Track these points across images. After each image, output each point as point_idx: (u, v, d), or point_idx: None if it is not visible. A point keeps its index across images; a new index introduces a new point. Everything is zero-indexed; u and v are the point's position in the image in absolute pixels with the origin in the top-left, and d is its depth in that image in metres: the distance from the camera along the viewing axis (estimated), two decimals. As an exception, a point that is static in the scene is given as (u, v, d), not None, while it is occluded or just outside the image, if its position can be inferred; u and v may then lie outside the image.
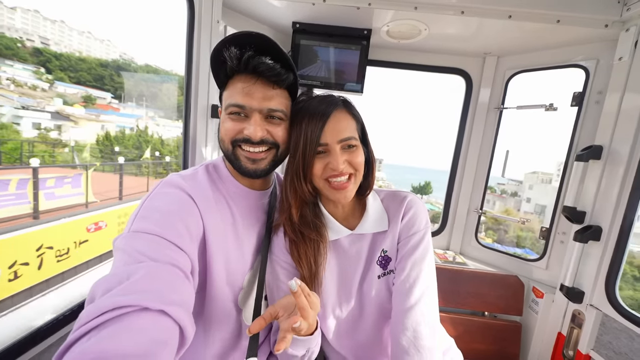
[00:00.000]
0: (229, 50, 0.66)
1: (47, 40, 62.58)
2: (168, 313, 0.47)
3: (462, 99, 1.69)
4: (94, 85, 36.50)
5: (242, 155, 0.72)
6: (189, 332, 0.51)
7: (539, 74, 1.52)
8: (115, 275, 0.49)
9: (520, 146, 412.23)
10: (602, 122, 1.17)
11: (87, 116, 28.84)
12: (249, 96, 0.68)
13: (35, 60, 37.42)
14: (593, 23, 1.15)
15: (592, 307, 1.15)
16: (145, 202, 0.65)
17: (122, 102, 36.61)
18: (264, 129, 0.70)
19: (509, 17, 1.17)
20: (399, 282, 0.76)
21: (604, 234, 1.12)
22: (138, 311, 0.45)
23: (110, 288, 0.47)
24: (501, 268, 1.59)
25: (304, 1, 1.23)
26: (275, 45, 0.67)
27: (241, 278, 0.78)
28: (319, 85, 1.52)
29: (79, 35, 76.29)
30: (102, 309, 0.43)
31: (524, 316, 1.45)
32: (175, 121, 35.08)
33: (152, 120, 32.65)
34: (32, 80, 32.38)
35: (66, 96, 31.62)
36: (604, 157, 1.14)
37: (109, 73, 38.69)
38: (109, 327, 0.42)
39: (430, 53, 1.62)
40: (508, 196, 39.60)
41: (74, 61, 38.11)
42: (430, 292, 0.76)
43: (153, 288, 0.48)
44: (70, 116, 27.25)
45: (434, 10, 1.19)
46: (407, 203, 0.81)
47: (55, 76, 35.02)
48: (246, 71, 0.68)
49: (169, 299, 0.49)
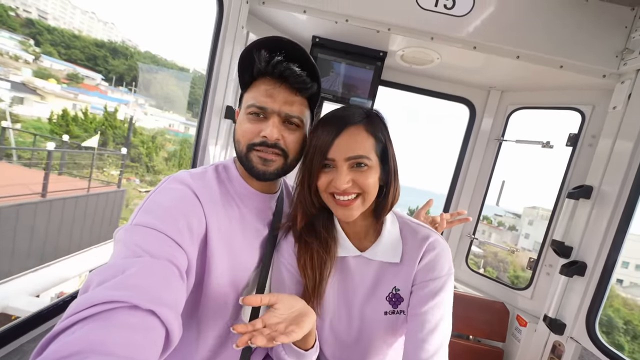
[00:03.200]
0: (260, 52, 0.68)
1: (45, 14, 61.07)
2: (157, 314, 0.47)
3: (464, 127, 1.77)
4: (85, 65, 34.55)
5: (255, 155, 0.73)
6: (175, 335, 0.50)
7: (538, 111, 1.61)
8: (111, 267, 0.50)
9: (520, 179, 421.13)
10: (594, 164, 1.24)
11: (61, 93, 25.55)
12: (271, 98, 0.70)
13: (26, 31, 35.26)
14: (592, 72, 1.24)
15: (572, 340, 1.20)
16: (151, 196, 0.66)
17: (111, 85, 34.42)
18: (280, 132, 0.71)
19: (517, 57, 1.25)
20: (412, 330, 0.69)
21: (588, 269, 1.18)
22: (128, 308, 0.44)
23: (105, 280, 0.47)
24: (489, 294, 1.63)
25: (327, 18, 1.28)
26: (305, 53, 0.70)
27: (247, 276, 0.79)
28: (331, 98, 1.57)
29: (82, 14, 75.06)
30: (93, 301, 0.43)
31: (506, 343, 1.48)
32: (165, 111, 33.58)
33: (140, 107, 30.51)
34: (16, 50, 29.98)
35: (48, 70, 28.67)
36: (594, 197, 1.21)
37: (103, 54, 36.56)
38: (96, 321, 0.42)
39: (438, 80, 1.70)
40: (505, 229, 38.27)
41: (68, 37, 36.17)
42: (444, 350, 0.68)
43: (146, 285, 0.48)
44: (38, 90, 23.37)
45: (449, 42, 1.26)
46: (429, 243, 0.74)
47: (44, 49, 32.89)
48: (272, 75, 0.70)
49: (161, 299, 0.49)
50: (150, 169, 20.24)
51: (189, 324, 0.75)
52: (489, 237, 36.96)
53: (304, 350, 0.70)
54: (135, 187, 18.29)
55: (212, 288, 0.72)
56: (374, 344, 0.80)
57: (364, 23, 1.27)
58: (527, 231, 34.45)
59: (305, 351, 0.70)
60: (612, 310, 20.98)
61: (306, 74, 0.70)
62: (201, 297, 0.73)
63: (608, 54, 1.20)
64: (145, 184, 19.29)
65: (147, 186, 19.05)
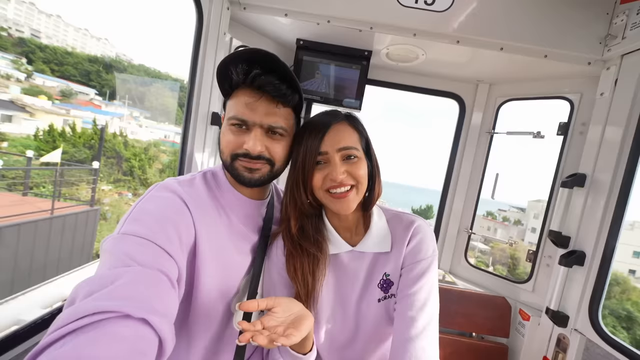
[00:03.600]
0: (237, 65, 0.67)
1: (38, 33, 61.13)
2: (150, 322, 0.45)
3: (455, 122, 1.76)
4: (79, 81, 34.31)
5: (240, 165, 0.73)
6: (169, 344, 0.49)
7: (527, 102, 1.61)
8: (99, 278, 0.48)
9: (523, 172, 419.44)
10: (586, 152, 1.23)
11: (52, 109, 24.86)
12: (253, 111, 0.69)
13: (18, 50, 35.30)
14: (577, 60, 1.23)
15: (577, 332, 1.17)
16: (138, 205, 0.64)
17: (105, 100, 34.03)
18: (263, 144, 0.71)
19: (501, 49, 1.24)
20: (401, 309, 0.72)
21: (587, 259, 1.16)
22: (119, 318, 0.43)
23: (93, 291, 0.45)
24: (489, 289, 1.61)
25: (309, 20, 1.28)
26: (283, 65, 0.69)
27: (237, 283, 0.77)
28: (319, 100, 1.56)
29: (75, 32, 75.27)
30: (82, 312, 0.42)
31: (510, 338, 1.45)
32: (160, 123, 33.20)
33: (135, 120, 30.12)
34: (7, 69, 29.80)
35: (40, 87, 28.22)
36: (587, 185, 1.20)
37: (96, 69, 36.58)
38: (87, 332, 0.40)
39: (426, 77, 1.70)
40: (511, 224, 37.59)
41: (60, 54, 36.05)
42: (433, 325, 0.72)
43: (137, 295, 0.47)
44: (27, 107, 22.84)
45: (432, 38, 1.26)
46: (414, 228, 0.79)
47: (36, 67, 32.66)
48: (252, 87, 0.69)
49: (153, 307, 0.47)
50: (144, 182, 19.65)
51: (180, 334, 0.73)
52: (495, 234, 36.39)
53: (302, 354, 0.69)
54: (126, 201, 17.80)
55: (202, 297, 0.71)
56: (371, 339, 0.80)
57: (346, 23, 1.27)
58: (533, 225, 34.14)
59: (303, 355, 0.69)
60: (631, 304, 20.49)
61: (286, 86, 0.70)
62: (191, 307, 0.72)
63: (591, 41, 1.20)
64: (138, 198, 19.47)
65: None
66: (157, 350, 0.47)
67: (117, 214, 15.42)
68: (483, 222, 35.11)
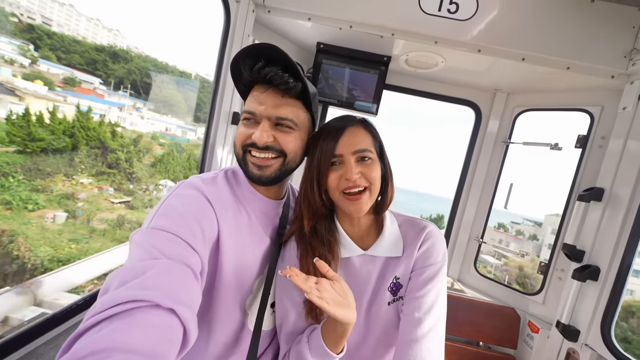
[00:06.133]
0: (244, 62, 0.71)
1: (49, 21, 61.90)
2: (177, 312, 0.48)
3: (470, 130, 1.76)
4: (84, 69, 33.66)
5: (250, 161, 0.75)
6: (192, 335, 0.51)
7: (545, 113, 1.59)
8: (131, 269, 0.51)
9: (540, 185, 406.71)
10: (605, 166, 1.22)
11: (45, 95, 22.77)
12: (260, 104, 0.72)
13: (27, 36, 34.86)
14: (600, 73, 1.22)
15: (587, 347, 1.16)
16: (166, 201, 0.67)
17: (110, 89, 33.13)
18: (270, 135, 0.73)
19: (522, 60, 1.24)
20: (408, 311, 0.73)
21: (602, 274, 1.15)
22: (150, 307, 0.46)
23: (126, 281, 0.48)
24: (498, 299, 1.60)
25: (331, 25, 1.30)
26: (284, 54, 0.71)
27: (251, 282, 0.79)
28: (336, 103, 1.58)
29: (87, 22, 75.97)
30: (116, 300, 0.45)
31: (518, 350, 1.44)
32: (164, 115, 32.35)
33: (137, 111, 29.04)
34: (14, 55, 29.08)
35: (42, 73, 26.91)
36: (605, 200, 1.18)
37: (103, 58, 35.59)
38: (121, 319, 0.43)
39: (443, 83, 1.70)
40: (525, 239, 35.41)
41: (68, 42, 35.60)
42: (439, 328, 0.72)
43: (166, 286, 0.50)
44: (17, 90, 21.00)
45: (453, 46, 1.27)
46: (426, 233, 0.80)
47: (42, 54, 32.04)
48: (260, 81, 0.73)
49: (180, 298, 0.50)
50: (129, 176, 17.79)
51: (201, 327, 0.75)
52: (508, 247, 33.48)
53: (335, 354, 0.69)
54: (107, 197, 15.96)
55: (222, 291, 0.73)
56: (380, 343, 0.81)
57: (367, 29, 1.29)
58: (550, 241, 30.62)
59: (337, 355, 0.69)
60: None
61: (288, 75, 0.72)
62: (212, 300, 0.74)
63: (616, 54, 1.19)
64: (122, 193, 16.75)
65: (122, 196, 16.48)
66: (182, 339, 0.49)
67: (91, 212, 13.80)
68: (494, 234, 32.80)
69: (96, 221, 13.81)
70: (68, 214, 13.07)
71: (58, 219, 12.64)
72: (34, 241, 11.26)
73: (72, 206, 13.48)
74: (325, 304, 0.58)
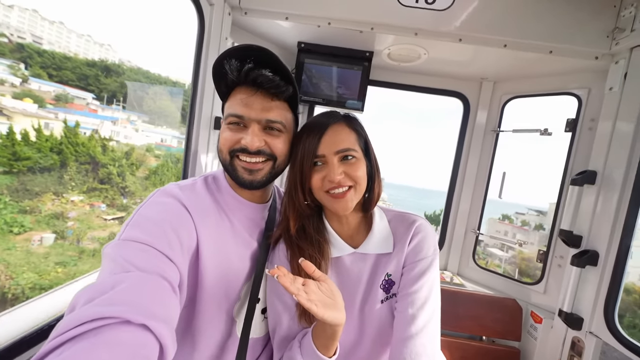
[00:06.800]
0: (230, 62, 0.68)
1: (40, 39, 61.64)
2: (150, 328, 0.45)
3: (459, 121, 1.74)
4: (76, 85, 33.53)
5: (240, 165, 0.72)
6: (170, 350, 0.48)
7: (534, 99, 1.57)
8: (99, 284, 0.48)
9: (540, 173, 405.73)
10: (596, 148, 1.20)
11: (34, 112, 22.14)
12: (248, 107, 0.70)
13: (17, 56, 34.57)
14: (584, 55, 1.20)
15: (592, 335, 1.13)
16: (139, 211, 0.64)
17: (102, 104, 32.70)
18: (261, 139, 0.71)
19: (504, 46, 1.23)
20: (402, 308, 0.72)
21: (600, 259, 1.12)
22: (119, 324, 0.42)
23: (93, 298, 0.45)
24: (499, 291, 1.57)
25: (309, 23, 1.28)
26: (275, 57, 0.69)
27: (238, 289, 0.76)
28: (321, 102, 1.56)
29: (77, 38, 76.20)
30: (81, 319, 0.41)
31: (522, 342, 1.41)
32: (158, 127, 31.75)
33: (131, 124, 28.77)
34: (4, 75, 28.60)
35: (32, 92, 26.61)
36: (599, 182, 1.16)
37: (94, 73, 35.44)
38: (86, 339, 0.40)
39: (429, 76, 1.68)
40: (531, 229, 33.86)
41: (59, 59, 35.45)
42: (434, 323, 0.72)
43: (137, 300, 0.47)
44: (4, 109, 20.65)
45: (433, 36, 1.25)
46: (415, 227, 0.79)
47: (33, 72, 31.80)
48: (246, 83, 0.70)
49: (153, 313, 0.47)
50: (122, 190, 16.85)
51: (184, 340, 0.73)
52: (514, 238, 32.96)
53: (327, 357, 0.67)
54: (99, 214, 15.18)
55: (205, 302, 0.71)
56: (376, 342, 0.78)
57: (346, 24, 1.27)
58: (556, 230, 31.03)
59: (329, 359, 0.67)
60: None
61: (279, 77, 0.70)
62: (194, 312, 0.71)
63: (598, 34, 1.17)
64: (115, 209, 15.95)
65: (115, 212, 15.72)
66: (158, 356, 0.46)
67: (81, 231, 13.13)
68: (499, 226, 32.24)
69: (87, 240, 13.04)
70: (56, 235, 12.47)
71: (45, 241, 12.00)
72: (16, 268, 10.62)
73: (60, 226, 12.90)
74: (313, 306, 0.56)
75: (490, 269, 1.69)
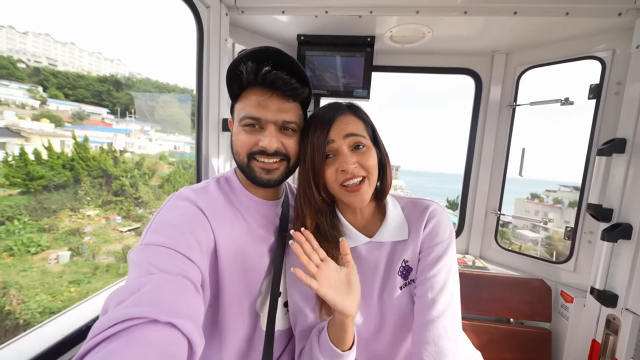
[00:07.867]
0: (246, 64, 0.68)
1: (55, 62, 64.59)
2: (177, 326, 0.47)
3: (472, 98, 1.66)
4: (91, 102, 35.07)
5: (257, 166, 0.74)
6: (198, 345, 0.51)
7: (552, 68, 1.47)
8: (127, 287, 0.51)
9: (572, 146, 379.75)
10: (624, 113, 1.11)
11: (50, 132, 23.57)
12: (265, 109, 0.70)
13: (35, 79, 36.52)
14: (605, 12, 1.11)
15: (628, 312, 1.07)
16: (157, 216, 0.67)
17: (116, 117, 33.79)
18: (278, 140, 0.72)
19: (515, 14, 1.15)
20: (422, 293, 0.72)
21: (634, 231, 1.05)
22: (147, 323, 0.45)
23: (123, 300, 0.48)
24: (525, 272, 1.51)
25: (307, 14, 1.26)
26: (292, 59, 0.69)
27: (259, 284, 0.79)
28: (326, 94, 1.54)
29: (89, 56, 79.19)
30: (113, 320, 0.44)
31: (553, 322, 1.36)
32: (171, 134, 32.59)
33: (144, 134, 29.55)
34: (24, 99, 30.04)
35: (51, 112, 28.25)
36: (629, 150, 1.08)
37: (107, 88, 36.77)
38: (119, 339, 0.43)
39: (436, 55, 1.62)
40: (565, 207, 31.49)
41: (72, 78, 37.28)
42: (454, 306, 0.72)
43: (162, 300, 0.49)
44: (22, 132, 21.66)
45: (436, 13, 1.19)
46: (429, 212, 0.78)
47: (50, 93, 33.59)
48: (262, 85, 0.70)
49: (178, 311, 0.49)
50: (136, 201, 17.06)
51: (211, 337, 0.76)
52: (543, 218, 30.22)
53: (341, 350, 0.68)
54: (115, 226, 15.35)
55: (228, 298, 0.73)
56: (397, 329, 0.78)
57: (344, 11, 1.24)
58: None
59: (342, 352, 0.67)
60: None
61: (296, 80, 0.70)
62: (219, 309, 0.74)
63: None
64: (130, 220, 16.15)
65: (130, 223, 15.85)
66: (187, 352, 0.49)
67: (96, 246, 13.07)
68: (528, 205, 30.09)
69: (102, 255, 13.16)
70: (72, 252, 12.64)
71: (62, 259, 12.14)
72: (29, 290, 10.50)
73: (76, 243, 13.03)
74: (314, 282, 0.58)
75: (515, 250, 1.62)
